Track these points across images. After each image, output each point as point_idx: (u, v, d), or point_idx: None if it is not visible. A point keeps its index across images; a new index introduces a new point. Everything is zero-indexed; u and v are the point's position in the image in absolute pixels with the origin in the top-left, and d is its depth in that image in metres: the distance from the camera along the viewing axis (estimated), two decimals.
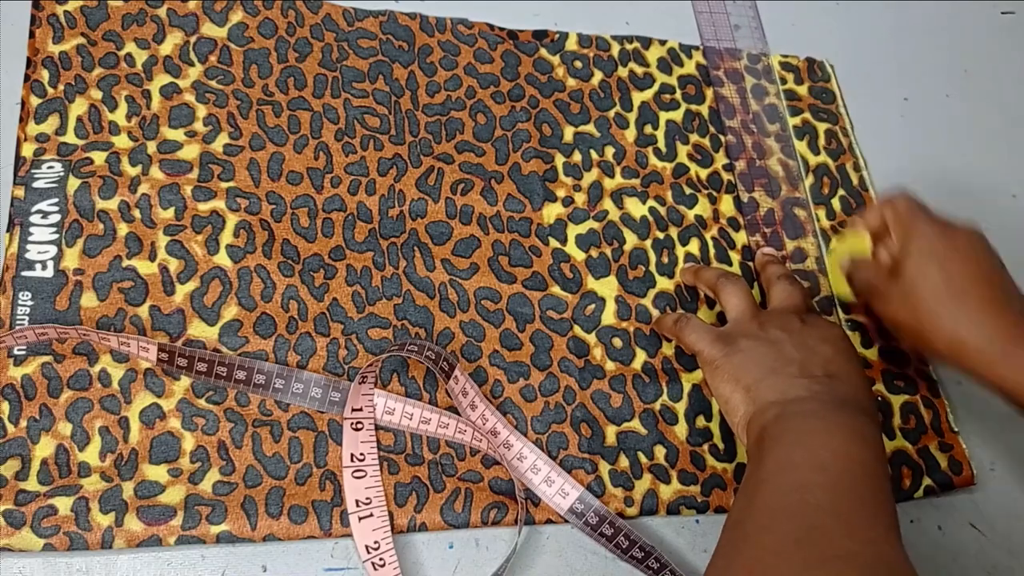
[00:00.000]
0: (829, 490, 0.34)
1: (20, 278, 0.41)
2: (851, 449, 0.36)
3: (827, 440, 0.36)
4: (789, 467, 0.36)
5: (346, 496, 0.40)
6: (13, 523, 0.36)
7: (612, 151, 0.52)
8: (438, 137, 0.49)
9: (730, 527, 0.36)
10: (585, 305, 0.47)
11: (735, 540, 0.35)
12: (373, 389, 0.42)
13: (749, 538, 0.34)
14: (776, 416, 0.38)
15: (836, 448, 0.36)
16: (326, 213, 0.46)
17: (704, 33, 0.58)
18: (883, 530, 0.33)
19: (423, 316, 0.45)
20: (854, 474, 0.35)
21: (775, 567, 0.31)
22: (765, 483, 0.36)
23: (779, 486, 0.35)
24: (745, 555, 0.33)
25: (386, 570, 0.38)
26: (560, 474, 0.42)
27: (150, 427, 0.39)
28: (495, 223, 0.48)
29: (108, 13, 0.47)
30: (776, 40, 0.59)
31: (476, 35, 0.53)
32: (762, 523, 0.34)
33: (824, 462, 0.35)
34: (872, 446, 0.37)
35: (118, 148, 0.44)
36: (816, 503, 0.33)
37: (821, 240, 0.53)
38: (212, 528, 0.38)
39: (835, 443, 0.36)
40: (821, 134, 0.57)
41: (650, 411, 0.45)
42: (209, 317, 0.42)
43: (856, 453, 0.36)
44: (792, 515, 0.33)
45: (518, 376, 0.44)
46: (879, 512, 0.34)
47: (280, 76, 0.48)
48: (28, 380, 0.39)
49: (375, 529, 0.39)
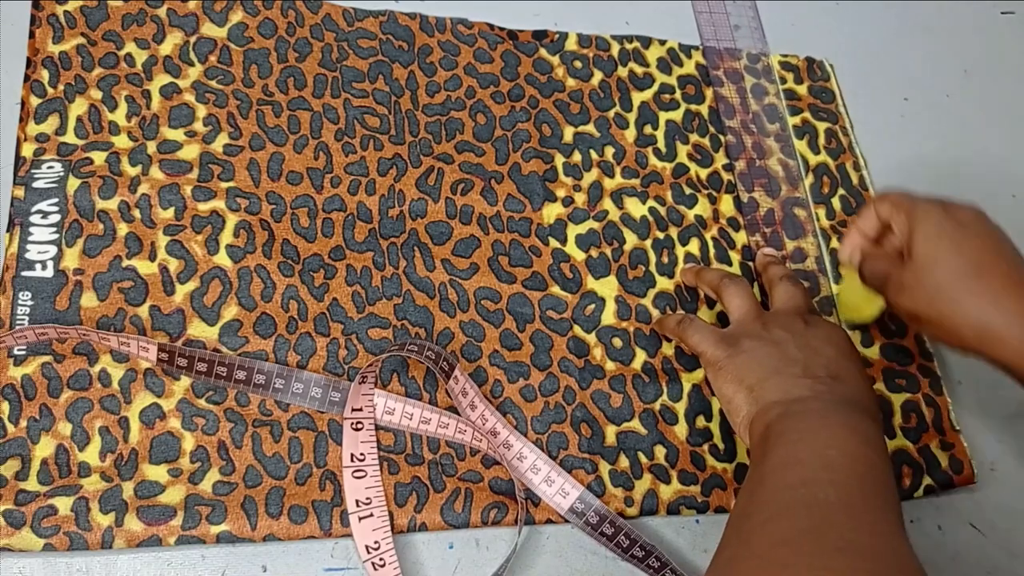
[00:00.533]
0: (836, 486, 0.34)
1: (20, 278, 0.41)
2: (856, 448, 0.36)
3: (832, 438, 0.36)
4: (795, 463, 0.36)
5: (346, 496, 0.40)
6: (13, 523, 0.36)
7: (612, 151, 0.52)
8: (438, 137, 0.49)
9: (735, 521, 0.36)
10: (585, 305, 0.47)
11: (741, 532, 0.34)
12: (373, 389, 0.42)
13: (755, 530, 0.34)
14: (780, 415, 0.38)
15: (842, 446, 0.36)
16: (326, 213, 0.46)
17: (704, 33, 0.58)
18: (891, 525, 0.33)
19: (423, 316, 0.45)
20: (860, 472, 0.35)
21: (784, 557, 0.31)
22: (770, 479, 0.35)
23: (785, 481, 0.35)
24: (752, 546, 0.33)
25: (386, 570, 0.38)
26: (560, 474, 0.42)
27: (150, 427, 0.39)
28: (495, 223, 0.48)
29: (108, 13, 0.47)
30: (776, 40, 0.59)
31: (476, 35, 0.53)
32: (768, 516, 0.34)
33: (830, 460, 0.35)
34: (876, 446, 0.37)
35: (118, 148, 0.44)
36: (824, 498, 0.33)
37: (821, 240, 0.53)
38: (212, 528, 0.38)
39: (840, 441, 0.36)
40: (821, 133, 0.57)
41: (650, 411, 0.45)
42: (209, 317, 0.42)
43: (862, 452, 0.36)
44: (799, 509, 0.33)
45: (518, 376, 0.44)
46: (886, 509, 0.34)
47: (280, 76, 0.48)
48: (28, 380, 0.39)
49: (375, 529, 0.39)
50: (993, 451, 0.49)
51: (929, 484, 0.47)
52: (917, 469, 0.47)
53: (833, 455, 0.35)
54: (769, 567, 0.31)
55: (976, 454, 0.49)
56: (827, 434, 0.37)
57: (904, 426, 0.48)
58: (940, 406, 0.49)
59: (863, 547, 0.31)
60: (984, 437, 0.50)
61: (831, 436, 0.37)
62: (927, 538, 0.46)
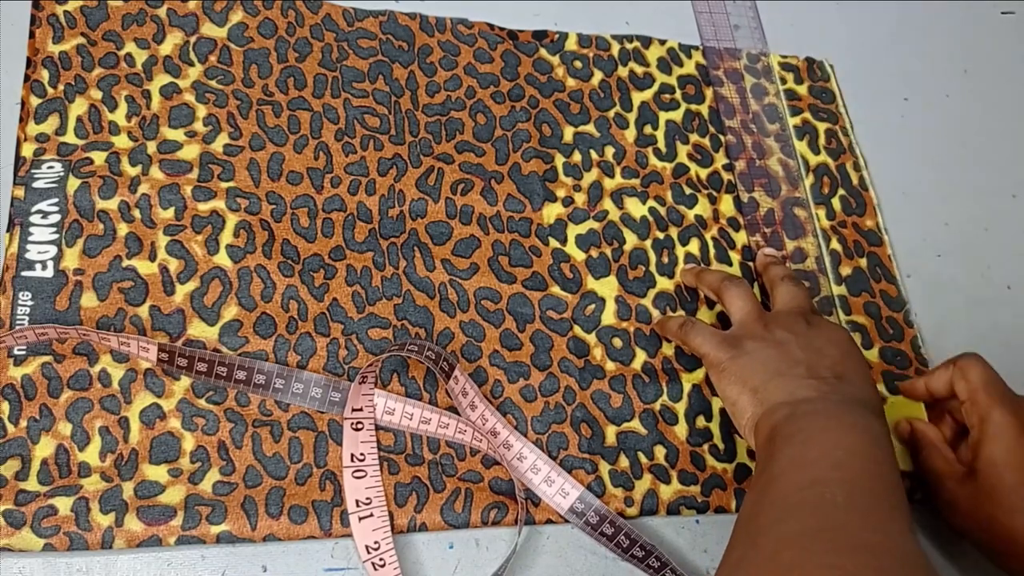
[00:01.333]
0: (846, 486, 0.34)
1: (20, 278, 0.41)
2: (865, 447, 0.36)
3: (840, 438, 0.36)
4: (803, 464, 0.35)
5: (346, 496, 0.40)
6: (13, 523, 0.36)
7: (612, 151, 0.52)
8: (438, 137, 0.49)
9: (743, 522, 0.35)
10: (585, 305, 0.47)
11: (750, 533, 0.34)
12: (373, 389, 0.42)
13: (764, 531, 0.33)
14: (787, 416, 0.38)
15: (850, 446, 0.36)
16: (326, 213, 0.46)
17: (704, 33, 0.58)
18: (900, 524, 0.33)
19: (423, 316, 0.45)
20: (869, 472, 0.35)
21: (795, 557, 0.31)
22: (779, 479, 0.35)
23: (794, 482, 0.35)
24: (762, 546, 0.33)
25: (386, 570, 0.38)
26: (560, 474, 0.42)
27: (150, 427, 0.39)
28: (495, 223, 0.48)
29: (108, 13, 0.47)
30: (776, 40, 0.59)
31: (476, 35, 0.53)
32: (778, 516, 0.33)
33: (839, 460, 0.35)
34: (884, 445, 0.37)
35: (118, 148, 0.44)
36: (833, 498, 0.33)
37: (821, 240, 0.53)
38: (212, 528, 0.38)
39: (848, 441, 0.36)
40: (821, 134, 0.57)
41: (650, 411, 0.45)
42: (209, 317, 0.42)
43: (870, 451, 0.36)
44: (809, 509, 0.33)
45: (518, 376, 0.44)
46: (896, 508, 0.33)
47: (280, 76, 0.48)
48: (28, 380, 0.39)
49: (375, 529, 0.39)
50: None
51: None
52: None
53: (842, 455, 0.35)
54: (778, 568, 0.31)
55: None
56: (835, 434, 0.36)
57: None
58: None
59: (873, 546, 0.31)
60: None
61: (839, 436, 0.36)
62: (927, 538, 0.46)
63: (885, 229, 0.55)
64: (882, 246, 0.54)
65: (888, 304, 0.52)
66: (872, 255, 0.53)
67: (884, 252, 0.54)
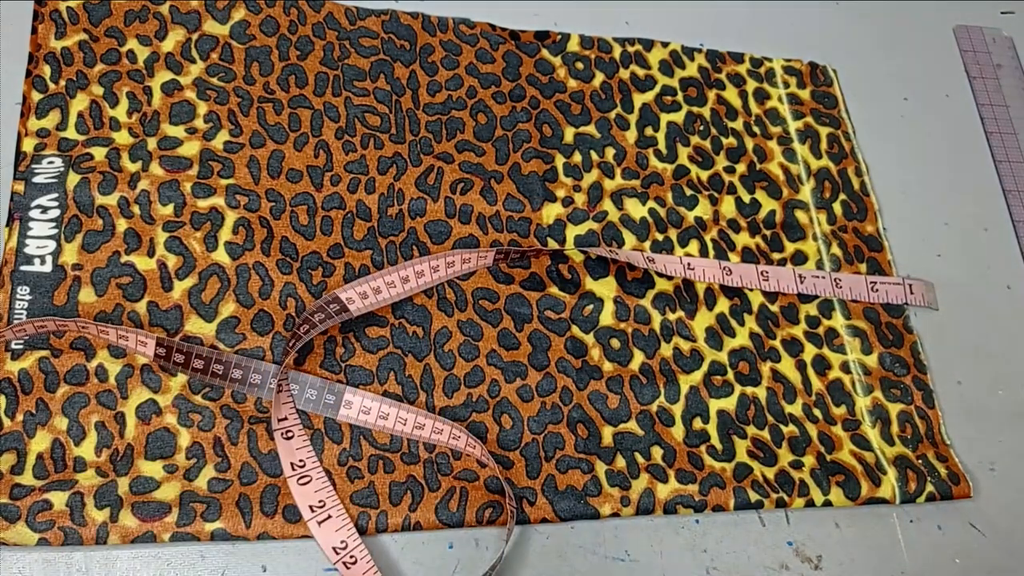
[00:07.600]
0: None
1: (19, 272, 0.41)
2: None
3: None
4: None
5: (299, 505, 0.39)
6: (8, 517, 0.36)
7: (612, 152, 0.52)
8: (438, 136, 0.49)
9: None
10: (583, 305, 0.47)
11: None
12: (291, 397, 0.41)
13: None
14: None
15: None
16: (325, 211, 0.46)
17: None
18: None
19: (420, 315, 0.45)
20: None
21: None
22: None
23: None
24: None
25: (358, 566, 0.38)
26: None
27: (146, 423, 0.39)
28: (494, 223, 0.48)
29: (110, 9, 0.47)
30: (776, 42, 0.59)
31: (478, 35, 0.53)
32: None
33: None
34: None
35: (118, 144, 0.44)
36: None
37: (822, 244, 0.53)
38: (207, 525, 0.38)
39: None
40: (823, 138, 0.57)
41: (647, 412, 0.45)
42: (207, 313, 0.42)
43: None
44: None
45: (515, 376, 0.44)
46: None
47: (281, 74, 0.48)
48: (25, 374, 0.39)
49: (338, 529, 0.39)
50: (993, 451, 0.49)
51: (931, 491, 0.46)
52: (920, 475, 0.46)
53: None
54: None
55: (976, 454, 0.48)
56: None
57: (901, 435, 0.48)
58: (932, 419, 0.49)
59: None
60: (983, 438, 0.49)
61: None
62: (927, 538, 0.46)
63: (885, 235, 0.54)
64: (882, 251, 0.54)
65: (888, 310, 0.52)
66: (872, 260, 0.53)
67: (884, 258, 0.53)
